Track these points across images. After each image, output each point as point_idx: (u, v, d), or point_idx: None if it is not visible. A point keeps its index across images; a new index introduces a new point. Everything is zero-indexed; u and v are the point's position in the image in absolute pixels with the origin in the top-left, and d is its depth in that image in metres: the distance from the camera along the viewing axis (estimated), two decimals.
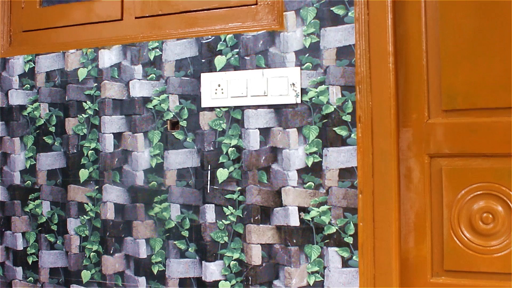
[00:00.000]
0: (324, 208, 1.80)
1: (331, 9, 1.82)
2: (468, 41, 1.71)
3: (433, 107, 1.76)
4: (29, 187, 2.22)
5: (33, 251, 2.21)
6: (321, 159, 1.80)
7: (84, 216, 2.12)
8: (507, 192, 1.66)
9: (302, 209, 1.82)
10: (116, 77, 2.09)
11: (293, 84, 1.83)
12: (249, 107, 1.89)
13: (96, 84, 2.12)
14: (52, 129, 2.19)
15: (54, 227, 2.17)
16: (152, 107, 2.03)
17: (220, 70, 1.94)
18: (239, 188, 1.90)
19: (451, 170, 1.72)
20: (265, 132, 1.87)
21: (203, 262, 1.95)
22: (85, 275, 2.12)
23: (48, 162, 2.19)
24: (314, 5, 1.83)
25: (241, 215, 1.89)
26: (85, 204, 2.12)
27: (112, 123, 2.08)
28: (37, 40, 2.30)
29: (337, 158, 1.78)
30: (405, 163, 1.77)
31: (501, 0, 1.67)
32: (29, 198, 2.22)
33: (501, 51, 1.67)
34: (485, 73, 1.69)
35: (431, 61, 1.76)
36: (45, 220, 2.19)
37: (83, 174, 2.13)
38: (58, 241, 2.16)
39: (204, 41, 1.97)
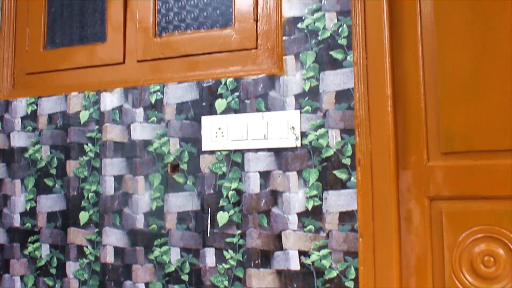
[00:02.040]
0: (324, 252, 1.79)
1: (330, 53, 1.84)
2: (465, 83, 1.73)
3: (432, 150, 1.77)
4: (28, 229, 2.22)
5: None
6: (321, 203, 1.80)
7: (84, 259, 2.11)
8: (507, 235, 1.66)
9: (303, 253, 1.81)
10: (118, 120, 2.10)
11: (293, 127, 1.84)
12: (249, 150, 1.90)
13: (97, 126, 2.14)
14: (53, 171, 2.20)
15: (53, 271, 2.15)
16: (153, 150, 2.04)
17: (220, 113, 1.95)
18: (239, 231, 1.89)
19: (451, 212, 1.72)
20: (265, 175, 1.88)
21: None
22: None
23: (48, 204, 2.19)
24: (313, 49, 1.86)
25: (241, 259, 1.88)
26: (84, 247, 2.11)
27: (113, 165, 2.09)
28: (40, 82, 2.33)
29: (337, 201, 1.78)
30: (405, 206, 1.77)
31: (498, 43, 1.69)
32: (29, 240, 2.21)
33: (498, 93, 1.69)
34: (483, 115, 1.70)
35: (429, 104, 1.78)
36: (44, 263, 2.17)
37: (83, 216, 2.13)
38: (56, 285, 2.14)
39: (205, 85, 1.99)
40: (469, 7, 1.74)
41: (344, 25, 1.83)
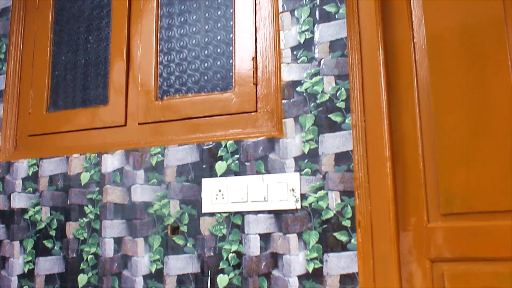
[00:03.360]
0: None
1: (328, 116, 1.87)
2: (463, 144, 1.74)
3: (432, 211, 1.77)
4: None
5: None
6: (321, 265, 1.79)
7: None
8: None
9: None
10: (118, 181, 2.11)
11: (293, 189, 1.85)
12: (249, 212, 1.90)
13: (98, 188, 2.14)
14: (53, 232, 2.19)
15: None
16: (153, 212, 2.04)
17: (220, 176, 1.97)
18: None
19: (453, 275, 1.70)
20: (265, 238, 1.87)
21: None
22: None
23: (47, 266, 2.17)
24: (312, 112, 1.89)
25: None
26: None
27: (113, 227, 2.09)
28: (42, 144, 2.35)
29: (338, 263, 1.77)
30: (407, 268, 1.76)
31: (495, 103, 1.72)
32: None
33: (497, 154, 1.70)
34: (482, 176, 1.71)
35: (428, 165, 1.79)
36: None
37: (82, 279, 2.10)
38: None
39: (205, 147, 2.01)
40: (465, 69, 1.78)
41: (342, 89, 1.87)
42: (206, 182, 1.98)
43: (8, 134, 2.40)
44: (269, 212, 1.88)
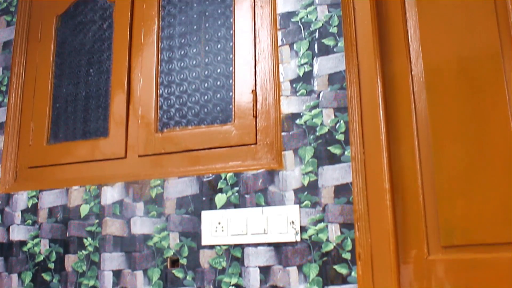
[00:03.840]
0: None
1: (328, 148, 1.88)
2: (463, 176, 1.75)
3: (432, 243, 1.76)
4: None
5: None
6: None
7: None
8: None
9: None
10: (118, 214, 2.11)
11: (293, 222, 1.85)
12: (249, 245, 1.90)
13: (97, 220, 2.14)
14: (51, 265, 2.18)
15: None
16: (153, 244, 2.03)
17: (220, 208, 1.96)
18: None
19: None
20: (265, 270, 1.86)
21: None
22: None
23: None
24: (311, 144, 1.90)
25: None
26: None
27: (112, 260, 2.08)
28: (42, 176, 2.35)
29: None
30: None
31: (494, 134, 1.73)
32: None
33: (496, 186, 1.70)
34: (482, 208, 1.71)
35: (427, 197, 1.79)
36: None
37: None
38: None
39: (205, 179, 2.01)
40: (462, 101, 1.79)
41: (342, 121, 1.88)
42: (205, 214, 1.98)
43: (8, 166, 2.41)
44: (269, 244, 1.87)
